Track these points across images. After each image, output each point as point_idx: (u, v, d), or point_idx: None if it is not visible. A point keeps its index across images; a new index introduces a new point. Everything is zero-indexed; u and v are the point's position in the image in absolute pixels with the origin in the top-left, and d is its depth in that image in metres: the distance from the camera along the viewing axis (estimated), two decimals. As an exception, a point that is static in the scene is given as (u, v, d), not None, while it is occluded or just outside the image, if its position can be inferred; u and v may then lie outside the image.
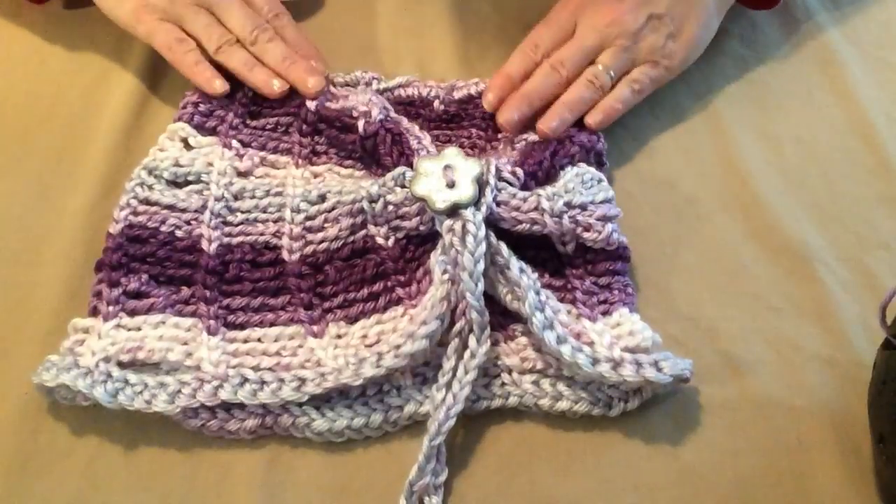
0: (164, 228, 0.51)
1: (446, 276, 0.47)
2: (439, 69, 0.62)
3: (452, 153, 0.50)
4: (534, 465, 0.47)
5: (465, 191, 0.48)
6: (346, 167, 0.56)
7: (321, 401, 0.47)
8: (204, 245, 0.51)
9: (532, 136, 0.56)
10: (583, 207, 0.50)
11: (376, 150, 0.54)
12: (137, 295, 0.49)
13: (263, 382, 0.46)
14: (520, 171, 0.52)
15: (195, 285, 0.50)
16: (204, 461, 0.46)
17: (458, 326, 0.47)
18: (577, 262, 0.51)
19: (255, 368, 0.47)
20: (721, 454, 0.48)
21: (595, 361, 0.45)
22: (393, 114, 0.56)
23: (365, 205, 0.50)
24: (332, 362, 0.47)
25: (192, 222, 0.52)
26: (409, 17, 0.66)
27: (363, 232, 0.51)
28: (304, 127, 0.57)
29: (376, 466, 0.46)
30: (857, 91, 0.64)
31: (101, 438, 0.46)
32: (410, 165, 0.52)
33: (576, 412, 0.47)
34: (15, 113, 0.58)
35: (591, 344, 0.46)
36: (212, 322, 0.48)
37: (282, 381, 0.46)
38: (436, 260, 0.48)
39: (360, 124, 0.54)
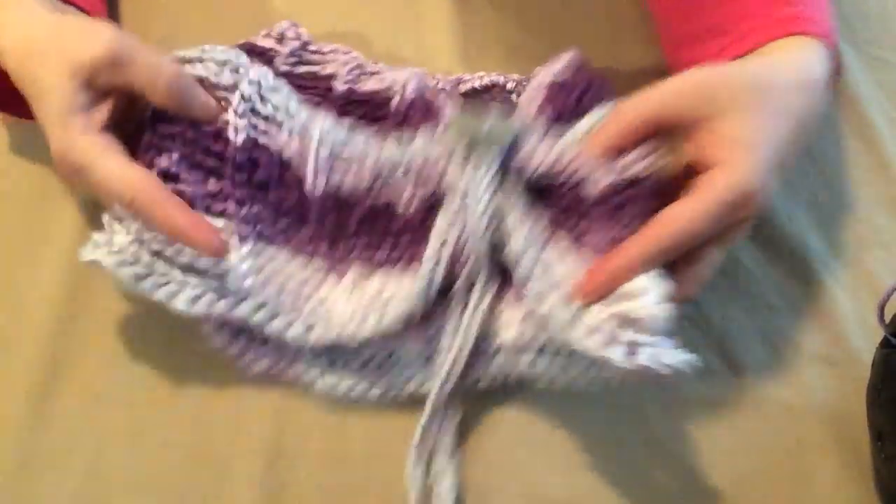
0: None
1: (441, 233, 0.46)
2: (439, 69, 0.62)
3: (495, 110, 0.49)
4: (532, 464, 0.47)
5: (497, 139, 0.47)
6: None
7: (335, 355, 0.47)
8: (231, 134, 0.48)
9: (545, 80, 0.53)
10: None
11: (408, 120, 0.52)
12: (169, 176, 0.46)
13: (278, 314, 0.45)
14: (542, 119, 0.50)
15: (224, 180, 0.48)
16: (204, 460, 0.46)
17: (461, 280, 0.46)
18: (606, 205, 0.46)
19: (276, 294, 0.46)
20: (721, 454, 0.48)
21: (570, 325, 0.42)
22: (431, 90, 0.54)
23: (385, 169, 0.49)
24: (343, 313, 0.46)
25: (222, 102, 0.48)
26: (409, 17, 0.66)
27: (387, 190, 0.49)
28: (331, 108, 0.54)
29: (376, 466, 0.46)
30: (856, 91, 0.64)
31: (102, 438, 0.46)
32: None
33: (575, 386, 0.46)
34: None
35: (580, 308, 0.43)
36: (242, 226, 0.47)
37: (293, 319, 0.45)
38: (438, 222, 0.47)
39: (396, 99, 0.53)
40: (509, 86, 0.58)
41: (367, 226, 0.49)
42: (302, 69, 0.56)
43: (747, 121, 0.43)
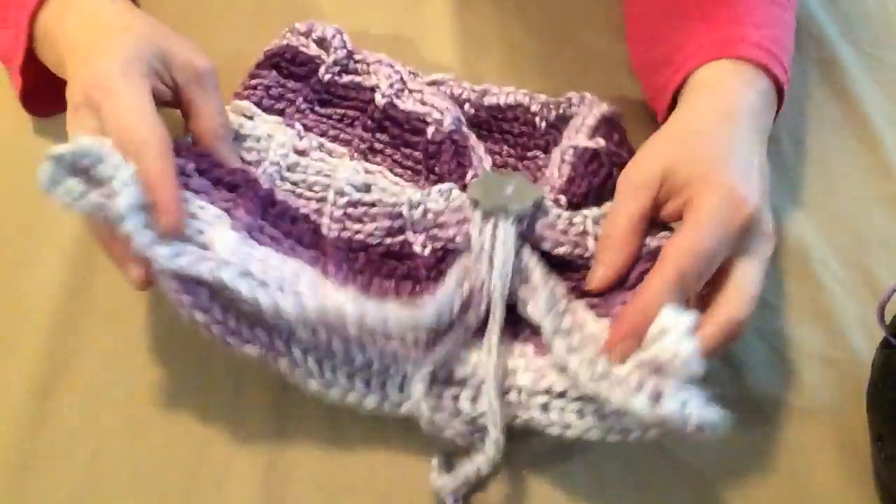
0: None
1: (463, 265, 0.46)
2: (439, 68, 0.62)
3: (520, 176, 0.50)
4: (532, 465, 0.47)
5: (518, 204, 0.48)
6: (396, 174, 0.55)
7: (326, 357, 0.45)
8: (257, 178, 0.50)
9: (581, 142, 0.54)
10: None
11: (437, 157, 0.54)
12: (180, 172, 0.45)
13: (264, 283, 0.43)
14: (563, 200, 0.51)
15: (238, 196, 0.47)
16: (204, 461, 0.46)
17: (472, 319, 0.46)
18: (616, 290, 0.47)
19: (266, 270, 0.43)
20: (721, 454, 0.48)
21: (601, 376, 0.42)
22: (464, 128, 0.55)
23: (404, 209, 0.50)
24: (338, 296, 0.44)
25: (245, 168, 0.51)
26: (410, 17, 0.66)
27: (401, 237, 0.50)
28: (369, 122, 0.56)
29: (376, 466, 0.46)
30: (856, 91, 0.64)
31: (102, 438, 0.46)
32: (463, 177, 0.52)
33: (587, 440, 0.44)
34: (15, 112, 0.58)
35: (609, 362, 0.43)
36: (238, 223, 0.46)
37: (281, 289, 0.43)
38: (462, 259, 0.47)
39: (430, 130, 0.54)
40: (534, 108, 0.58)
41: (373, 268, 0.49)
42: (345, 79, 0.58)
43: (685, 161, 0.47)
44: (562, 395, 0.45)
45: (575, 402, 0.44)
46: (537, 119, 0.57)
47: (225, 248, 0.43)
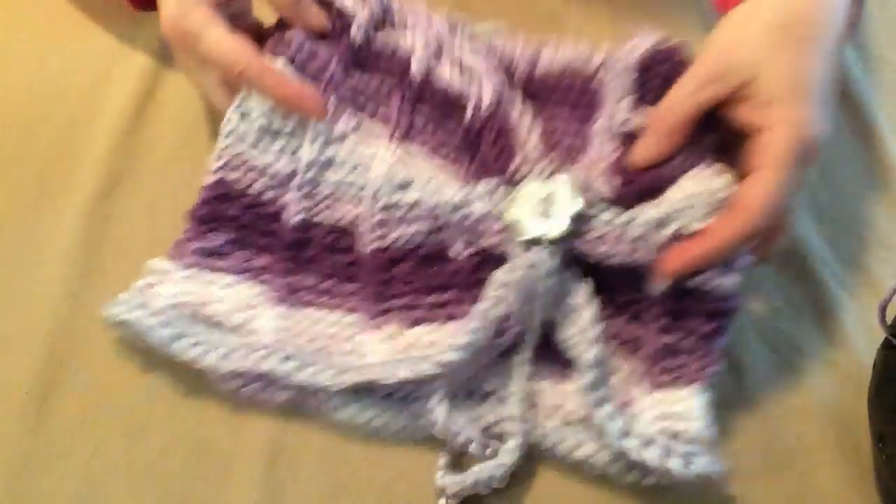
0: (251, 191, 0.50)
1: (496, 293, 0.46)
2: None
3: (562, 181, 0.47)
4: (531, 462, 0.47)
5: (558, 226, 0.46)
6: (439, 156, 0.51)
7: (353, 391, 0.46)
8: (285, 215, 0.50)
9: (638, 119, 0.49)
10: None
11: (478, 142, 0.50)
12: (216, 253, 0.49)
13: (307, 364, 0.46)
14: (611, 186, 0.47)
15: (273, 255, 0.49)
16: (204, 460, 0.46)
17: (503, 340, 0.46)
18: (664, 309, 0.46)
19: (305, 345, 0.47)
20: (721, 454, 0.48)
21: (624, 434, 0.43)
22: (508, 101, 0.50)
23: (444, 212, 0.48)
24: (374, 358, 0.46)
25: (280, 188, 0.50)
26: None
27: (440, 238, 0.49)
28: (407, 93, 0.52)
29: (376, 465, 0.46)
30: (856, 91, 0.64)
31: (101, 438, 0.46)
32: (508, 163, 0.49)
33: (593, 465, 0.45)
34: (15, 113, 0.58)
35: (632, 417, 0.45)
36: (277, 294, 0.48)
37: (322, 369, 0.45)
38: (495, 278, 0.46)
39: (468, 114, 0.50)
40: (592, 66, 0.53)
41: (412, 283, 0.49)
42: (379, 40, 0.52)
43: (774, 70, 0.44)
44: (578, 421, 0.46)
45: (590, 430, 0.45)
46: (594, 82, 0.52)
47: (266, 332, 0.47)
